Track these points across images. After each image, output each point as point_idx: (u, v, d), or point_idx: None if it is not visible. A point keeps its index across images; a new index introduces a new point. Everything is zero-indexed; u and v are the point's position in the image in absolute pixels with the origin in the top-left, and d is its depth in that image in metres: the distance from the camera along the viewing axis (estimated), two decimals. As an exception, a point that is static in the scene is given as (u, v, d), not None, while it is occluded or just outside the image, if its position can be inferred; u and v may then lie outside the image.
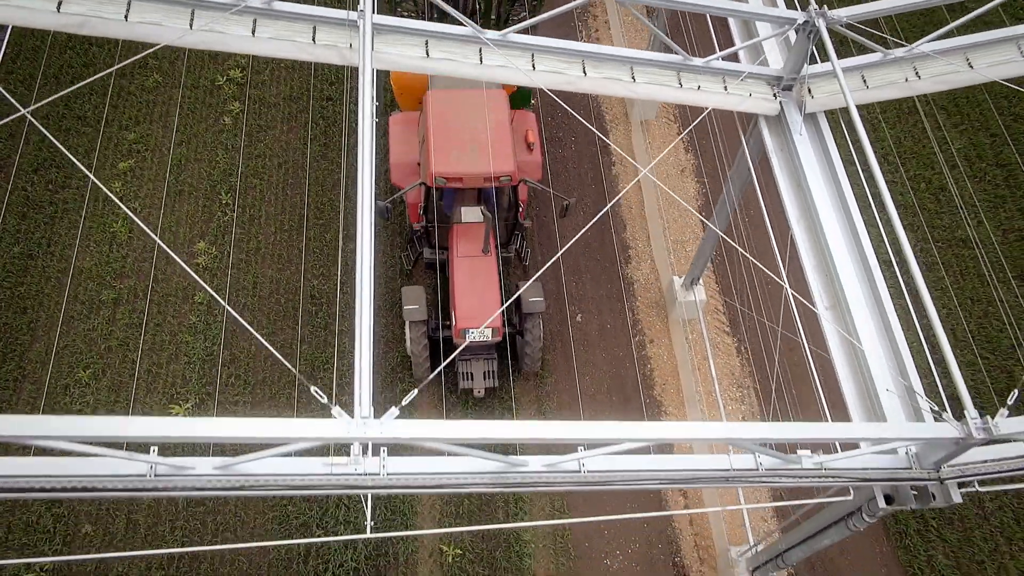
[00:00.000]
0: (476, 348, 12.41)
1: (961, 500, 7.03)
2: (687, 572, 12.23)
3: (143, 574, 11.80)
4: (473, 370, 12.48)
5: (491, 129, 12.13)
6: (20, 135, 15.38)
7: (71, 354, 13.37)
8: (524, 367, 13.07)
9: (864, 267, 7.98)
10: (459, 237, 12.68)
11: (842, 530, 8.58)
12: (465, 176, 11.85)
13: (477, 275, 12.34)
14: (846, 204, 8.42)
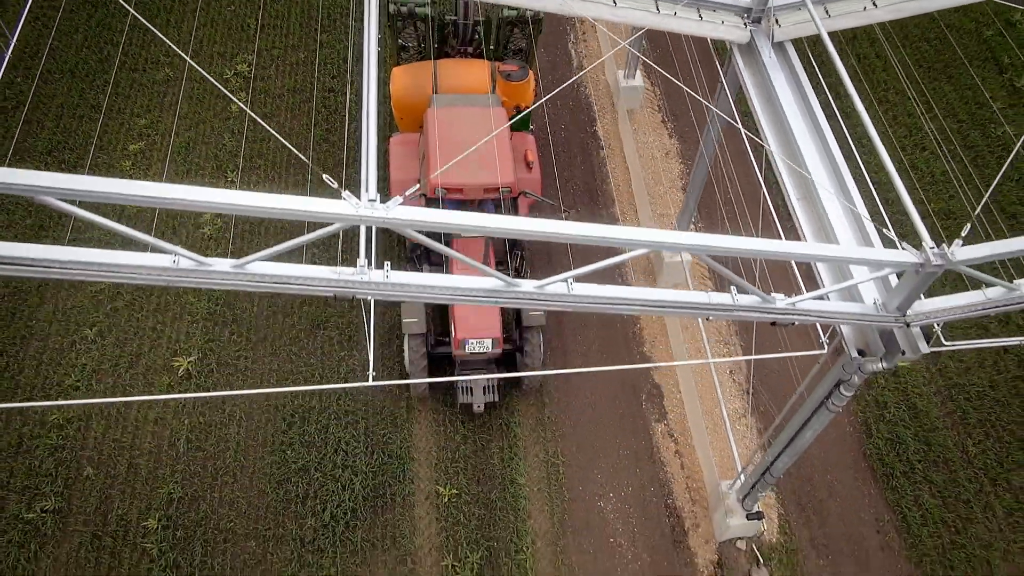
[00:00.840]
0: (475, 363, 12.41)
1: (927, 349, 7.51)
2: (679, 512, 12.45)
3: (143, 514, 11.97)
4: (472, 385, 12.32)
5: (492, 142, 12.20)
6: (35, 121, 16.15)
7: (78, 314, 13.78)
8: (524, 383, 13.05)
9: (825, 147, 8.65)
10: (459, 250, 12.88)
11: (823, 416, 8.98)
12: (465, 187, 12.02)
13: None
14: (811, 108, 9.14)
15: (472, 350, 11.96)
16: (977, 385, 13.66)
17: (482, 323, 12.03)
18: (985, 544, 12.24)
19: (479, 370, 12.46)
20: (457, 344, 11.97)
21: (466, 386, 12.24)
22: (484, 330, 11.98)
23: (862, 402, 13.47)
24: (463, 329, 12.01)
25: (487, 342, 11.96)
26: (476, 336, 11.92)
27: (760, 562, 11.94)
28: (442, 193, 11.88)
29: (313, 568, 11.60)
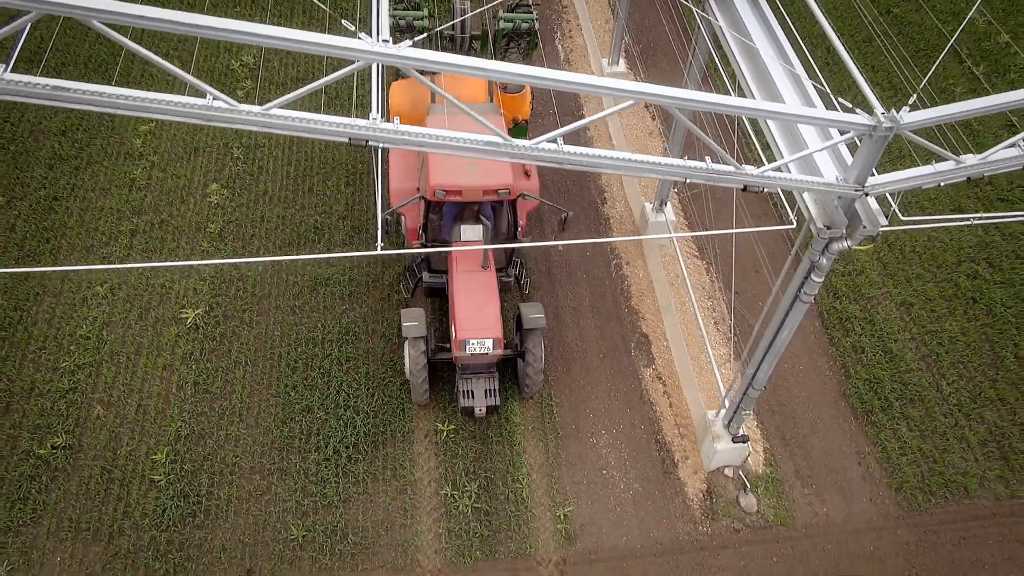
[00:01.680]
0: (476, 366, 12.29)
1: (885, 222, 8.25)
2: (668, 446, 12.95)
3: (151, 449, 12.38)
4: (474, 388, 12.19)
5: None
6: (51, 110, 16.98)
7: (89, 273, 14.37)
8: (525, 389, 12.84)
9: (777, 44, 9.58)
10: (459, 255, 12.67)
11: (798, 309, 9.67)
12: (464, 189, 11.92)
13: (477, 288, 12.27)
14: (769, 24, 10.05)
15: (473, 351, 11.79)
16: (949, 332, 14.36)
17: (482, 324, 11.89)
18: (962, 472, 12.77)
19: (479, 372, 12.35)
20: (458, 345, 11.81)
21: (467, 390, 12.19)
22: (484, 330, 11.82)
23: (840, 347, 14.13)
24: (463, 330, 11.85)
25: (487, 342, 11.78)
26: (477, 336, 11.76)
27: (747, 488, 12.41)
28: (441, 195, 11.86)
29: (316, 497, 11.99)
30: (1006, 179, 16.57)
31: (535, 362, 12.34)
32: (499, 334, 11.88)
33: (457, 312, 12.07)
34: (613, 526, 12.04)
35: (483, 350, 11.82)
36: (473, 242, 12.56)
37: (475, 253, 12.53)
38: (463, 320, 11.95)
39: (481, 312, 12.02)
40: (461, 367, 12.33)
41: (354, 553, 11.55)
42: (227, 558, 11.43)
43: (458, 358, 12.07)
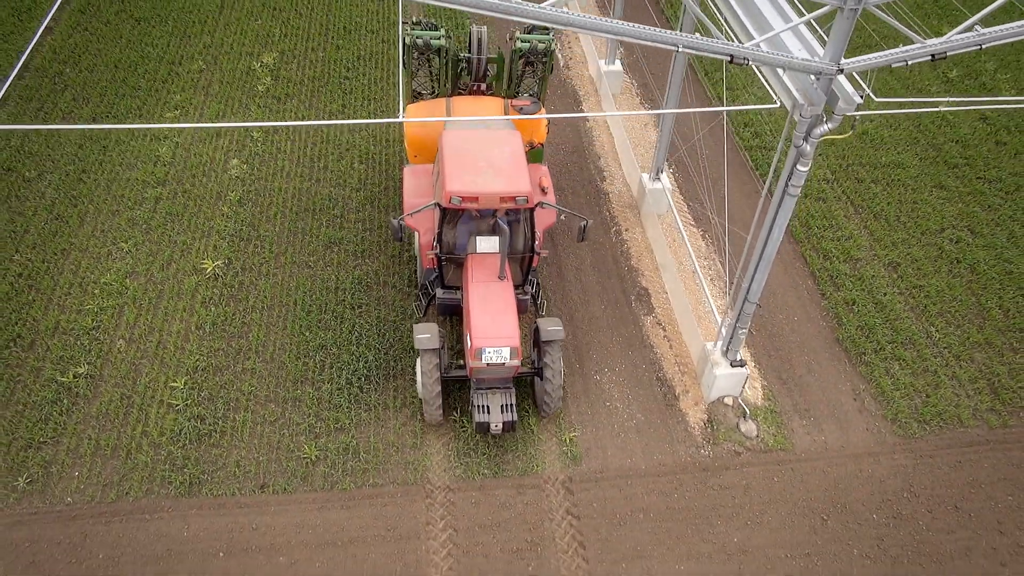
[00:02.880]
0: (492, 381, 11.76)
1: (860, 100, 9.09)
2: (670, 382, 13.38)
3: (170, 378, 12.82)
4: (489, 403, 11.55)
5: (506, 156, 12.11)
6: (80, 99, 18.10)
7: (115, 231, 15.11)
8: (544, 408, 12.20)
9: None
10: (474, 266, 12.10)
11: (788, 204, 10.39)
12: (481, 195, 11.48)
13: (493, 298, 11.74)
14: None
15: (489, 360, 11.20)
16: (935, 286, 15.01)
17: (499, 332, 11.31)
18: (954, 405, 13.18)
19: (495, 387, 11.75)
20: (473, 354, 11.22)
21: (482, 404, 11.55)
22: (501, 338, 11.24)
23: (832, 300, 14.73)
24: (479, 338, 11.25)
25: (504, 351, 11.18)
26: (493, 344, 11.19)
27: (747, 415, 12.79)
28: (457, 201, 11.47)
29: (329, 421, 12.35)
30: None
31: (554, 377, 11.75)
32: (517, 343, 11.30)
33: (472, 320, 11.46)
34: (617, 449, 12.36)
35: (500, 359, 11.24)
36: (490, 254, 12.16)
37: (491, 264, 12.06)
38: (479, 328, 11.37)
39: (498, 321, 11.43)
40: (476, 382, 11.80)
41: (365, 470, 11.84)
42: (241, 473, 11.72)
43: (473, 370, 11.51)
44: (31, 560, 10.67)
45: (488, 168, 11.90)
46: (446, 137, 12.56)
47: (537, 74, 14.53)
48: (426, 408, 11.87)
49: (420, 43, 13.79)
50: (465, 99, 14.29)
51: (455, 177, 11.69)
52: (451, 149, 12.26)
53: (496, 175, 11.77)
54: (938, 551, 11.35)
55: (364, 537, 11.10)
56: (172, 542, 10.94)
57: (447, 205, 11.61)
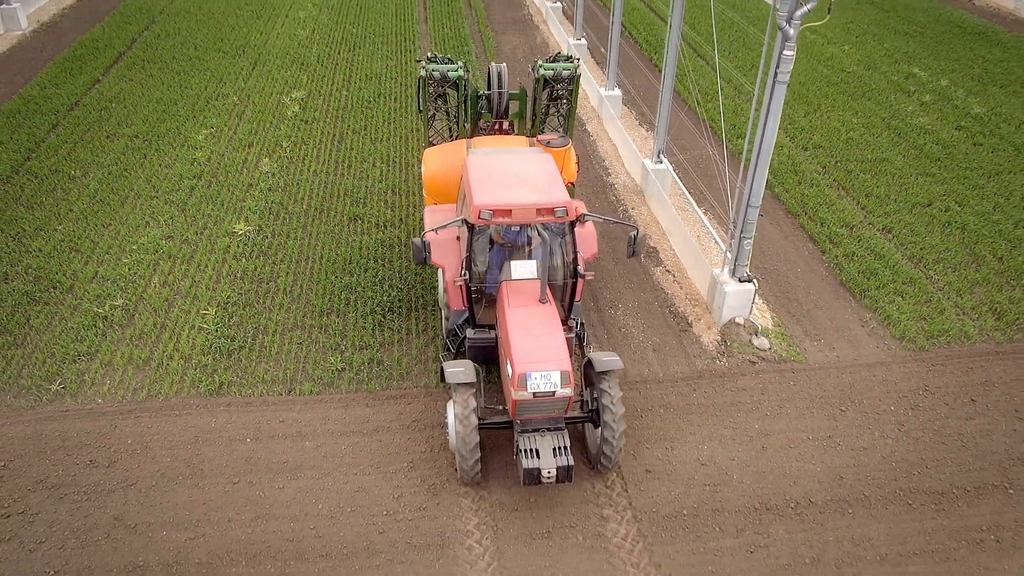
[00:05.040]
0: (539, 421, 9.76)
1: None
2: (682, 313, 13.84)
3: (202, 308, 13.34)
4: (539, 446, 9.47)
5: (539, 172, 10.85)
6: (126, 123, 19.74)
7: (153, 209, 16.11)
8: (603, 460, 10.00)
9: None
10: (511, 293, 10.39)
11: (780, 92, 11.42)
12: (515, 208, 9.92)
13: (536, 321, 9.95)
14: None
15: (536, 388, 9.30)
16: (930, 242, 15.73)
17: (546, 354, 9.50)
18: (960, 325, 13.57)
19: (543, 426, 9.73)
20: (516, 382, 9.33)
21: (530, 448, 9.45)
22: (550, 361, 9.41)
23: (832, 255, 15.40)
24: (522, 362, 9.39)
25: (554, 376, 9.32)
26: (540, 368, 9.34)
27: (758, 331, 13.17)
28: (488, 215, 9.92)
29: (355, 340, 12.76)
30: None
31: (615, 420, 9.60)
32: (568, 367, 9.46)
33: (513, 346, 9.59)
34: (634, 363, 12.66)
35: (549, 387, 9.33)
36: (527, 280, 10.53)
37: (530, 290, 10.39)
38: (521, 352, 9.50)
39: (543, 343, 9.63)
40: (520, 424, 9.76)
41: (390, 376, 12.13)
42: (269, 379, 12.02)
43: (516, 405, 9.52)
44: (60, 445, 10.82)
45: (520, 183, 10.50)
46: (471, 160, 11.23)
47: (562, 110, 14.05)
48: (460, 463, 9.70)
49: (437, 75, 13.31)
50: (486, 139, 13.19)
51: (484, 191, 10.22)
52: (477, 169, 10.87)
53: (530, 189, 10.34)
54: (959, 432, 11.42)
55: (389, 427, 11.25)
56: (200, 431, 11.10)
57: (476, 221, 10.00)
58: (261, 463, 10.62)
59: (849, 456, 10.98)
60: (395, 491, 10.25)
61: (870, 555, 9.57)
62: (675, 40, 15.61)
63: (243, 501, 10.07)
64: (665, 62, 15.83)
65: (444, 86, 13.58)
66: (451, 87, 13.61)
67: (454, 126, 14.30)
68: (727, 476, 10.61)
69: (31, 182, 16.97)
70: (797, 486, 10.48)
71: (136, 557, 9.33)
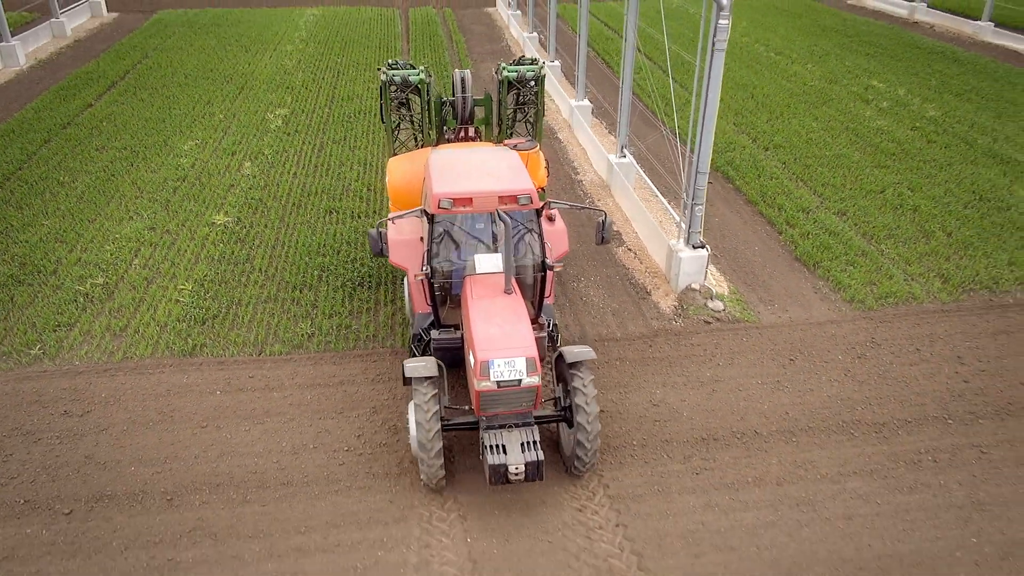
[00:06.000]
0: (506, 417, 9.17)
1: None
2: (641, 285, 14.39)
3: (180, 285, 13.89)
4: (506, 442, 8.87)
5: (503, 164, 10.53)
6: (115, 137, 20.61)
7: (137, 205, 16.79)
8: (576, 463, 9.42)
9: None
10: (475, 286, 9.90)
11: (719, 60, 12.24)
12: (476, 196, 9.59)
13: (499, 310, 9.43)
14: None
15: (500, 376, 8.75)
16: (883, 222, 16.40)
17: (511, 341, 8.97)
18: (908, 289, 14.11)
19: (510, 421, 9.14)
20: (478, 371, 8.81)
21: (496, 444, 8.88)
22: (514, 348, 8.87)
23: (788, 235, 16.04)
24: (485, 350, 8.89)
25: (519, 362, 8.78)
26: (504, 354, 8.81)
27: (713, 295, 13.71)
28: (447, 205, 9.61)
29: (325, 308, 13.26)
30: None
31: (588, 420, 9.00)
32: (534, 353, 8.90)
33: (475, 333, 9.09)
34: (593, 326, 13.16)
35: (514, 375, 8.78)
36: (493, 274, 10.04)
37: (495, 280, 9.91)
38: (484, 340, 9.00)
39: (508, 330, 9.11)
40: (486, 420, 9.19)
41: (357, 339, 12.61)
42: (241, 342, 12.50)
43: (480, 396, 8.95)
44: (36, 399, 11.24)
45: (482, 173, 10.19)
46: (433, 156, 10.97)
47: (529, 116, 14.10)
48: (423, 465, 9.08)
49: (398, 80, 13.12)
50: (452, 146, 12.82)
51: (444, 182, 9.90)
52: (439, 163, 10.60)
53: (493, 178, 10.02)
54: (903, 376, 11.87)
55: (354, 380, 11.70)
56: (172, 386, 11.54)
57: (435, 210, 9.68)
58: (229, 411, 11.03)
59: (796, 396, 11.41)
60: (357, 431, 10.65)
61: (811, 475, 9.95)
62: (631, 38, 16.56)
63: (210, 442, 10.45)
64: (624, 59, 16.76)
65: (406, 91, 13.33)
66: (413, 92, 13.38)
67: (419, 134, 14.11)
68: (677, 414, 11.02)
69: (21, 187, 17.69)
70: (744, 421, 10.89)
71: (104, 488, 9.68)
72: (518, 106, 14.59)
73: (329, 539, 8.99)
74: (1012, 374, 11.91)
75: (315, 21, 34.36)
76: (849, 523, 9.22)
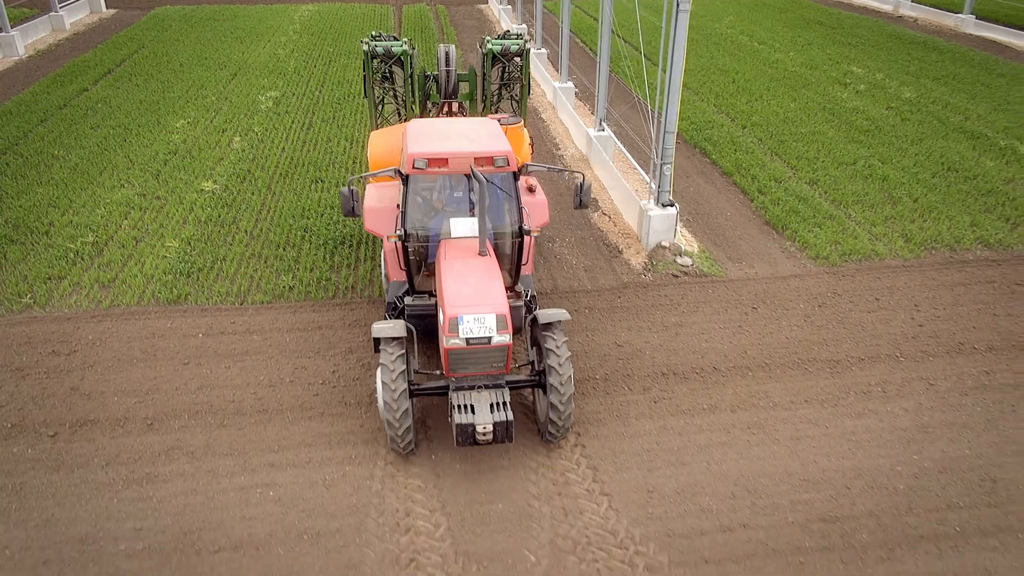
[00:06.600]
0: (476, 378, 8.97)
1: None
2: (614, 245, 14.86)
3: (166, 243, 14.39)
4: (475, 402, 8.71)
5: (480, 129, 10.43)
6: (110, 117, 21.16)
7: (128, 175, 17.31)
8: (550, 429, 9.22)
9: None
10: (449, 249, 9.74)
11: (683, 21, 12.76)
12: (451, 157, 9.40)
13: (471, 270, 9.28)
14: None
15: (469, 333, 8.60)
16: (852, 190, 16.88)
17: (481, 298, 8.81)
18: (871, 247, 14.58)
19: (480, 382, 8.94)
20: (447, 328, 8.63)
21: (464, 404, 8.71)
22: (484, 305, 8.71)
23: (760, 202, 16.52)
24: (455, 305, 8.71)
25: (489, 319, 8.60)
26: (473, 310, 8.64)
27: (682, 252, 14.18)
28: (422, 165, 9.43)
29: (307, 267, 13.75)
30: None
31: (562, 382, 8.81)
32: (505, 310, 8.71)
33: (446, 291, 8.95)
34: (565, 279, 13.63)
35: (484, 332, 8.62)
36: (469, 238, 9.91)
37: (470, 244, 9.78)
38: (453, 296, 8.84)
39: (479, 288, 8.96)
40: (455, 382, 8.98)
41: (337, 290, 13.09)
42: (224, 293, 12.97)
43: (449, 356, 8.78)
44: (26, 341, 11.71)
45: (459, 136, 10.09)
46: (411, 124, 10.82)
47: (515, 93, 14.15)
48: (389, 429, 8.90)
49: (380, 51, 13.07)
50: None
51: (419, 143, 9.77)
52: (416, 129, 10.48)
53: (469, 140, 9.90)
54: (860, 321, 12.32)
55: (332, 325, 12.16)
56: (156, 330, 12.01)
57: (409, 170, 9.53)
58: (210, 351, 11.50)
59: (756, 338, 11.87)
60: (332, 368, 11.11)
61: (764, 403, 10.40)
62: (608, 15, 17.11)
63: (191, 376, 10.92)
64: (600, 33, 17.29)
65: (389, 63, 13.33)
66: (396, 64, 13.40)
67: (402, 108, 14.14)
68: (640, 353, 11.48)
69: (16, 160, 18.21)
70: (704, 359, 11.35)
71: (88, 415, 10.14)
72: (503, 83, 14.77)
73: (301, 456, 9.43)
74: (966, 319, 12.36)
75: (309, 16, 35.03)
76: (797, 443, 9.66)
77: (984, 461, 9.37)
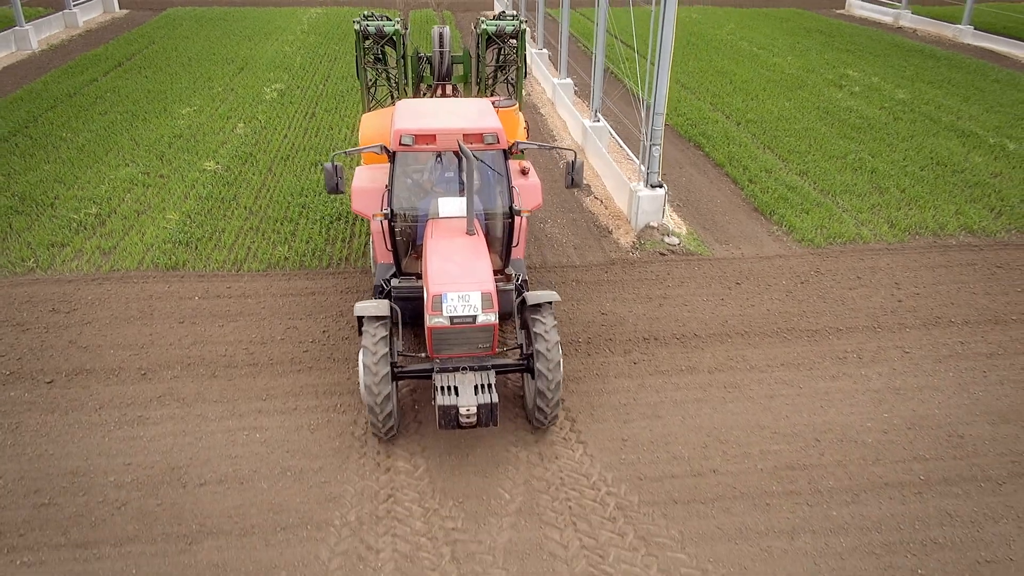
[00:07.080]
0: (460, 360, 8.69)
1: None
2: (604, 226, 15.18)
3: (167, 214, 14.77)
4: (458, 384, 8.42)
5: (471, 107, 10.32)
6: (118, 103, 21.65)
7: (133, 155, 17.75)
8: (538, 415, 8.96)
9: None
10: (436, 228, 9.56)
11: (672, 5, 13.14)
12: (439, 133, 9.23)
13: (458, 249, 9.08)
14: None
15: (453, 311, 8.37)
16: (841, 181, 17.19)
17: (466, 276, 8.60)
18: (856, 231, 14.86)
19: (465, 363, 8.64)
20: (431, 306, 8.42)
21: (447, 386, 8.40)
22: (469, 283, 8.50)
23: (750, 191, 16.83)
24: (439, 283, 8.51)
25: (474, 298, 8.38)
26: (458, 288, 8.43)
27: (670, 232, 14.49)
28: (409, 141, 9.28)
29: (302, 240, 14.10)
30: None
31: (550, 367, 8.53)
32: (491, 288, 8.50)
33: (430, 269, 8.76)
34: (555, 256, 13.94)
35: (468, 311, 8.39)
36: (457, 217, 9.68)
37: (457, 224, 9.56)
38: (438, 274, 8.64)
39: (465, 266, 8.75)
40: (440, 363, 8.67)
41: (331, 262, 13.43)
42: (221, 260, 13.32)
43: (433, 336, 8.57)
44: (27, 300, 12.07)
45: (448, 114, 9.95)
46: (400, 103, 10.72)
47: (511, 77, 14.05)
48: (371, 413, 8.60)
49: (372, 30, 12.93)
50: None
51: (407, 120, 9.63)
52: (404, 108, 10.35)
53: (458, 117, 9.78)
54: (841, 297, 12.59)
55: (324, 291, 12.49)
56: (154, 293, 12.36)
57: (396, 147, 9.36)
58: (206, 311, 11.84)
59: (737, 310, 12.14)
60: (323, 328, 11.43)
61: (741, 366, 10.66)
62: (603, 13, 17.53)
63: (185, 333, 11.25)
64: (596, 28, 17.70)
65: (381, 43, 13.17)
66: (389, 44, 13.23)
67: (395, 90, 13.93)
68: (623, 321, 11.76)
69: (25, 141, 18.68)
70: (685, 327, 11.62)
71: (84, 365, 10.47)
72: (499, 65, 14.37)
73: (288, 404, 9.74)
74: (944, 296, 12.62)
75: (317, 17, 35.68)
76: (771, 401, 9.91)
77: (953, 419, 9.61)
